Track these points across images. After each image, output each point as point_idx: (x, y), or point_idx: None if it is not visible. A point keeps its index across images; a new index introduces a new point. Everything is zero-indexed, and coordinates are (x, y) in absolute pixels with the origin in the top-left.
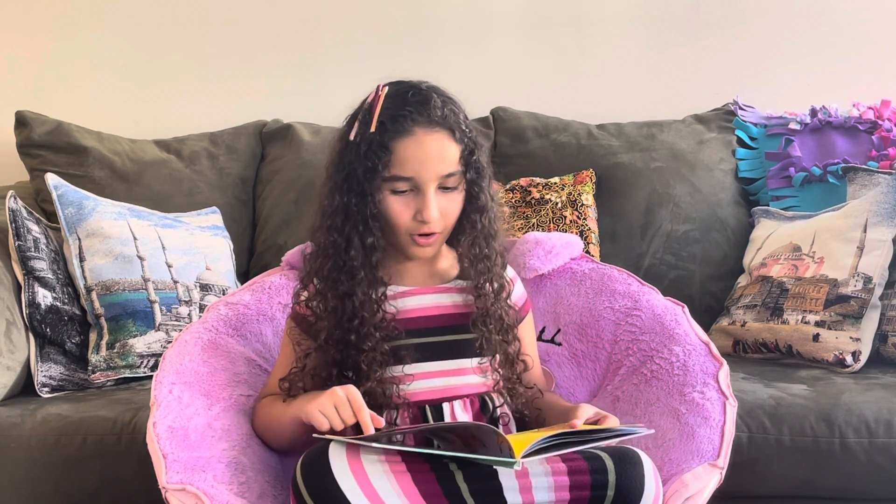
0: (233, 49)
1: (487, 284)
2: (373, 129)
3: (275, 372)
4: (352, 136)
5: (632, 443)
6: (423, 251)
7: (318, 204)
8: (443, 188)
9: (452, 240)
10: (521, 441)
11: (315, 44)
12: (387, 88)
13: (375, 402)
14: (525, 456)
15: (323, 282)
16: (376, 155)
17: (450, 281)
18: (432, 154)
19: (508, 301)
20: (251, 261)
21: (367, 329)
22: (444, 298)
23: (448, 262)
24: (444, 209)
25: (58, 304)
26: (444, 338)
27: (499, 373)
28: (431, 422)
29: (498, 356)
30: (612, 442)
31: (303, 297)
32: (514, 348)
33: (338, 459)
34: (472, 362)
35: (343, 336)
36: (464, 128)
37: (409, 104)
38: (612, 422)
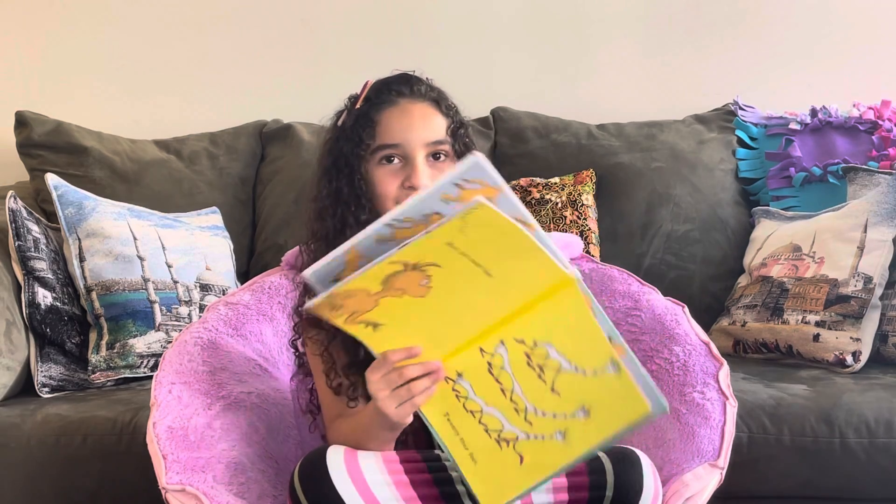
0: (232, 49)
1: None
2: (358, 106)
3: (326, 392)
4: (339, 122)
5: (632, 443)
6: None
7: (310, 196)
8: (433, 156)
9: None
10: None
11: (315, 44)
12: (372, 81)
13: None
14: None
15: None
16: (362, 128)
17: None
18: (417, 121)
19: None
20: (251, 261)
21: None
22: None
23: None
24: (434, 179)
25: (58, 304)
26: None
27: None
28: None
29: None
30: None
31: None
32: None
33: (336, 464)
34: None
35: None
36: (450, 104)
37: (393, 81)
38: None
